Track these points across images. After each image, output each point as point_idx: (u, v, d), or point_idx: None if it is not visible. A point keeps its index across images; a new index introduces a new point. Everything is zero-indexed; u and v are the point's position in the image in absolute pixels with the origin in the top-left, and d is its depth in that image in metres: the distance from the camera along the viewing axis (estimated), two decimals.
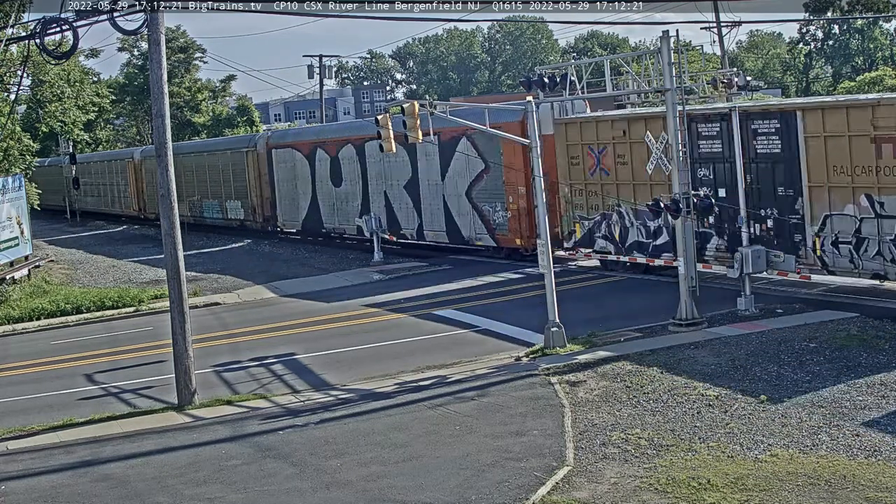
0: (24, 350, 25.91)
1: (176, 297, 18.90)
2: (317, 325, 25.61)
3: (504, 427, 15.69)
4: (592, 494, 12.68)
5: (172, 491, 14.21)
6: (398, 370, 19.95)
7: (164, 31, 18.77)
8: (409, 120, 21.20)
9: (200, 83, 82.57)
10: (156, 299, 30.04)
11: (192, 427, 17.40)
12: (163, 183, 18.86)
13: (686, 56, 25.46)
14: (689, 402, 16.10)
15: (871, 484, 12.29)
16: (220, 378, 20.86)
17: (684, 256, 21.22)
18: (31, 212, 39.64)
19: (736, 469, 13.10)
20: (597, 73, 24.18)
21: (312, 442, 15.83)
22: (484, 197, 31.59)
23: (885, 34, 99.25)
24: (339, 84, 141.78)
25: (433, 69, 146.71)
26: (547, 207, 20.89)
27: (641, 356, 19.04)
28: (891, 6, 39.69)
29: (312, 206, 40.30)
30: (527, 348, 20.64)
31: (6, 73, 38.37)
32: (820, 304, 22.15)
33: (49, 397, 20.53)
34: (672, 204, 21.13)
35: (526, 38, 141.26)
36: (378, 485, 13.66)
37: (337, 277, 32.53)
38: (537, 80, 22.65)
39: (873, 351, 18.06)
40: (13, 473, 15.67)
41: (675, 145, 21.34)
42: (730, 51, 58.08)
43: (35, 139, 51.79)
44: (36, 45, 21.15)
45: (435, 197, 33.43)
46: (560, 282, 22.70)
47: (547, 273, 20.50)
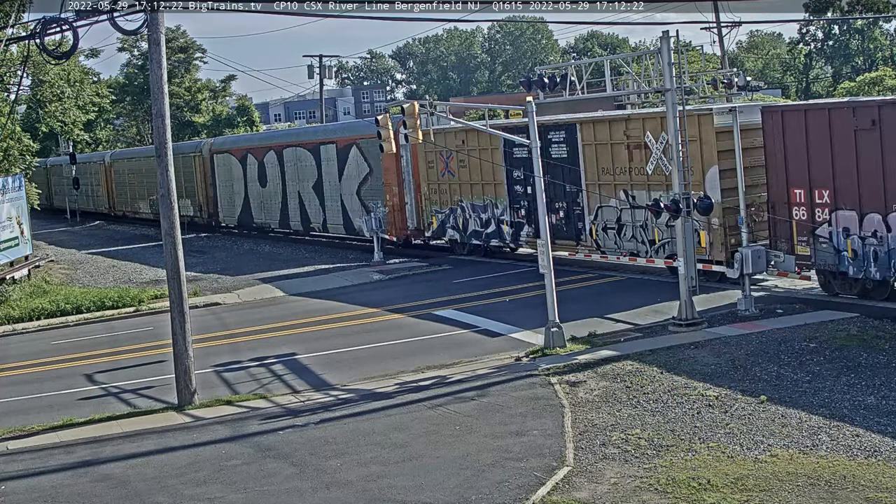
0: (24, 350, 25.91)
1: (176, 297, 18.90)
2: (317, 324, 25.62)
3: (504, 427, 15.69)
4: (592, 494, 12.68)
5: (172, 491, 14.21)
6: (398, 370, 19.95)
7: (164, 31, 18.77)
8: (409, 120, 21.34)
9: (200, 83, 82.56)
10: (156, 299, 30.05)
11: (192, 427, 17.40)
12: (162, 183, 18.85)
13: (686, 56, 25.48)
14: (689, 402, 16.10)
15: (871, 484, 12.30)
16: (220, 378, 20.86)
17: (684, 256, 21.23)
18: (31, 212, 39.66)
19: (736, 469, 13.11)
20: (597, 73, 24.18)
21: (312, 442, 15.83)
22: (369, 195, 37.13)
23: (885, 34, 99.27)
24: (339, 84, 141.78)
25: (433, 69, 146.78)
26: (414, 205, 22.40)
27: (641, 356, 19.05)
28: (891, 6, 39.68)
29: (245, 203, 46.52)
30: (527, 348, 20.65)
31: (6, 73, 38.38)
32: (820, 304, 22.14)
33: (49, 397, 20.54)
34: (672, 204, 21.16)
35: (526, 38, 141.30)
36: (378, 485, 13.67)
37: (337, 277, 32.55)
38: (537, 80, 22.65)
39: (873, 351, 18.07)
40: (13, 473, 15.67)
41: (675, 145, 21.34)
42: (730, 51, 58.11)
43: (35, 139, 51.85)
44: (36, 45, 21.15)
45: (334, 196, 39.38)
46: (560, 282, 22.68)
47: (547, 273, 20.49)
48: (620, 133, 26.68)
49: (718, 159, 23.84)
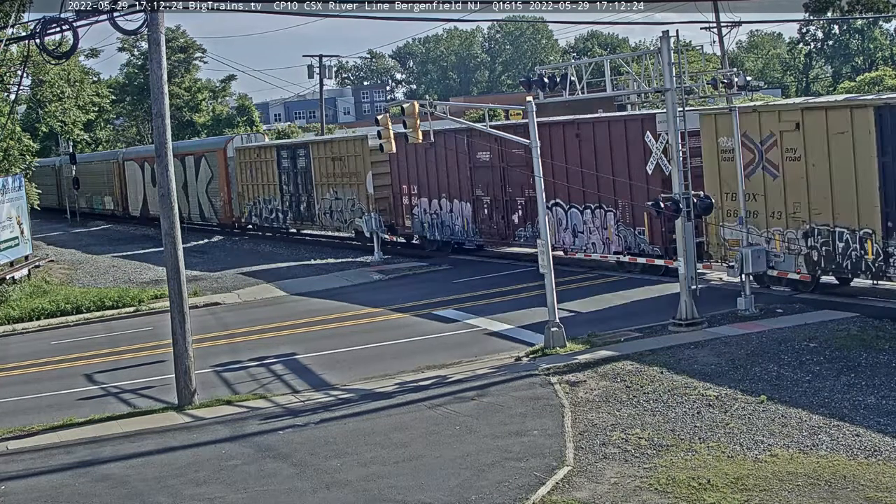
0: (24, 350, 25.91)
1: (176, 296, 18.90)
2: (317, 324, 25.62)
3: (504, 427, 15.69)
4: (592, 494, 12.68)
5: (172, 491, 14.21)
6: (398, 370, 19.95)
7: (164, 31, 18.77)
8: (409, 120, 21.40)
9: (200, 83, 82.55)
10: (156, 299, 30.05)
11: (192, 427, 17.40)
12: (163, 183, 18.85)
13: (686, 56, 25.48)
14: (689, 402, 16.10)
15: (871, 484, 12.30)
16: (220, 378, 20.86)
17: (684, 256, 21.23)
18: (31, 211, 39.66)
19: (736, 469, 13.11)
20: (597, 73, 24.15)
21: (312, 442, 15.83)
22: (213, 193, 50.04)
23: (885, 34, 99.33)
24: (339, 84, 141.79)
25: (433, 69, 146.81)
26: (237, 200, 29.47)
27: (641, 356, 19.04)
28: (891, 6, 39.64)
29: (144, 199, 58.00)
30: (527, 348, 20.65)
31: (6, 73, 38.38)
32: (820, 304, 22.15)
33: (49, 397, 20.54)
34: (672, 204, 21.16)
35: (526, 38, 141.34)
36: (378, 485, 13.67)
37: (338, 277, 32.56)
38: (537, 80, 22.64)
39: (873, 351, 18.06)
40: (13, 473, 15.67)
41: (675, 145, 21.35)
42: (730, 51, 58.04)
43: (35, 139, 51.89)
44: (36, 45, 21.12)
45: (194, 193, 51.75)
46: (559, 281, 22.69)
47: (547, 273, 20.49)
48: (330, 151, 40.05)
49: (371, 168, 37.18)
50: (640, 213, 26.38)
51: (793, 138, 22.22)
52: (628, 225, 27.29)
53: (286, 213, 43.49)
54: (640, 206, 25.62)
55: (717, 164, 24.08)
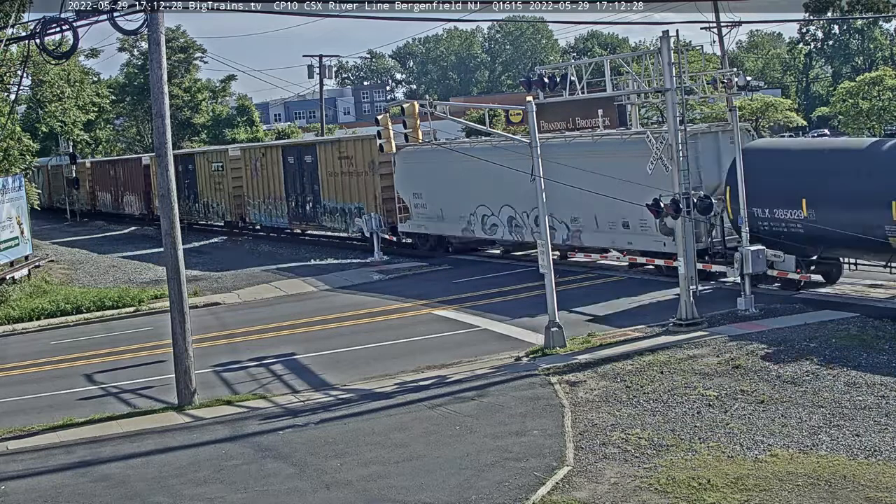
0: (24, 350, 25.90)
1: (176, 297, 18.89)
2: (317, 324, 25.62)
3: (504, 427, 15.69)
4: (592, 494, 12.68)
5: (172, 491, 14.21)
6: (398, 370, 19.94)
7: (164, 31, 18.77)
8: (408, 120, 21.38)
9: (200, 83, 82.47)
10: (156, 299, 30.03)
11: (192, 427, 17.40)
12: (163, 183, 18.85)
13: (686, 56, 25.48)
14: (689, 402, 16.10)
15: (871, 484, 12.30)
16: (219, 378, 20.86)
17: (684, 256, 21.22)
18: (30, 211, 39.64)
19: (736, 469, 13.11)
20: (597, 73, 24.19)
21: (312, 442, 15.83)
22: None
23: (885, 34, 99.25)
24: (339, 84, 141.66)
25: (433, 69, 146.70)
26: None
27: (641, 356, 19.03)
28: (891, 6, 39.67)
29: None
30: (527, 348, 20.65)
31: (6, 73, 38.35)
32: (820, 304, 22.15)
33: (49, 397, 20.53)
34: (672, 204, 21.17)
35: (526, 38, 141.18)
36: (378, 485, 13.66)
37: (338, 277, 32.55)
38: (537, 80, 22.67)
39: (873, 351, 18.06)
40: (13, 473, 15.67)
41: (675, 145, 21.35)
42: (730, 51, 58.00)
43: (35, 139, 51.80)
44: (36, 45, 21.12)
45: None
46: (559, 281, 22.69)
47: (547, 273, 20.49)
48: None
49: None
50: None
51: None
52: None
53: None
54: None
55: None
